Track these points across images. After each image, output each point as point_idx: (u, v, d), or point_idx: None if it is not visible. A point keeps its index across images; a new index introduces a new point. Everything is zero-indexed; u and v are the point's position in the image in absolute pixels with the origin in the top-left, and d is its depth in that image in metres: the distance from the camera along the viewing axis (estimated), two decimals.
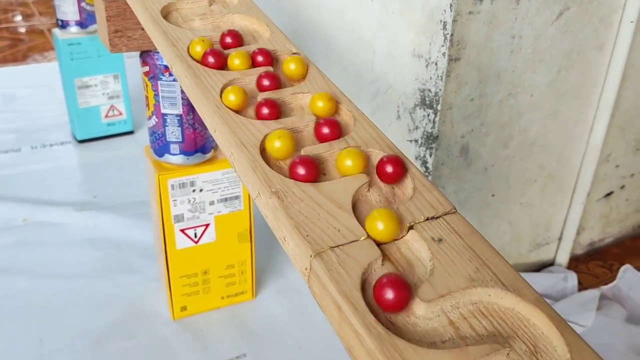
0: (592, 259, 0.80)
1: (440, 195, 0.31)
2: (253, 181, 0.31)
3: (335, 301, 0.26)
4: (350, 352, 0.26)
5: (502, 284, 0.27)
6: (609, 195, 0.77)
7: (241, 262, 0.67)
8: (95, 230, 0.81)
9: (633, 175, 0.78)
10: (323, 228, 0.28)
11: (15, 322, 0.65)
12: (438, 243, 0.28)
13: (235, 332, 0.65)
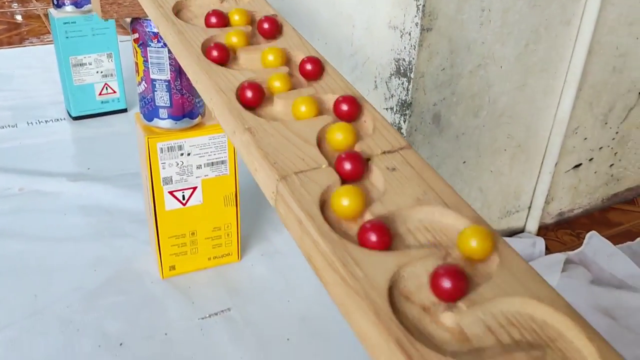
0: (561, 228, 0.84)
1: (397, 133, 0.35)
2: (229, 121, 0.35)
3: (297, 217, 0.29)
4: (310, 260, 0.29)
5: (445, 204, 0.30)
6: (578, 167, 0.81)
7: (227, 224, 0.71)
8: (89, 198, 0.84)
9: (601, 148, 0.82)
10: (289, 157, 0.32)
11: (10, 280, 0.68)
12: (392, 171, 0.32)
13: (221, 290, 0.69)
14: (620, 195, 0.91)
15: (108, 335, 0.61)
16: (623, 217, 0.91)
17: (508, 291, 0.26)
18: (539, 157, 0.74)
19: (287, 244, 0.78)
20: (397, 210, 0.30)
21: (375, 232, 0.28)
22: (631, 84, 0.78)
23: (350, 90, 0.38)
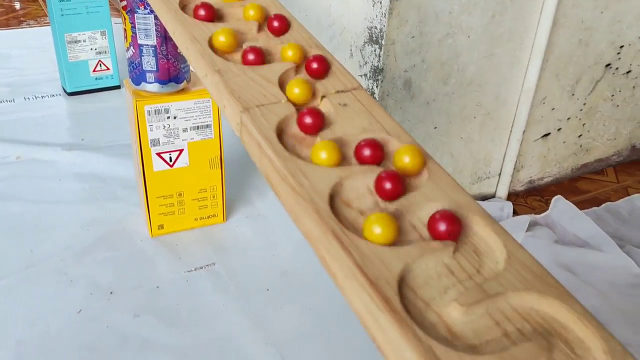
0: (530, 195, 0.88)
1: (351, 76, 0.39)
2: (201, 65, 0.39)
3: (257, 141, 0.34)
4: (268, 179, 0.34)
5: (387, 132, 0.35)
6: (546, 137, 0.85)
7: (212, 186, 0.75)
8: (83, 166, 0.88)
9: (569, 119, 0.86)
10: (253, 94, 0.36)
11: (8, 237, 0.73)
12: (343, 107, 0.36)
13: (206, 247, 0.73)
14: (590, 166, 0.95)
15: (99, 286, 0.66)
16: (591, 185, 0.96)
17: (433, 198, 0.30)
18: (507, 125, 0.78)
19: (271, 207, 0.82)
20: (345, 136, 0.34)
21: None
22: (597, 57, 0.82)
23: (313, 42, 0.42)
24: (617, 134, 0.95)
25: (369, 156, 0.32)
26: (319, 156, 0.32)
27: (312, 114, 0.34)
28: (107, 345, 0.58)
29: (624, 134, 0.96)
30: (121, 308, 0.63)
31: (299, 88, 0.36)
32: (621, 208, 0.87)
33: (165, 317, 0.62)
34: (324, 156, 0.32)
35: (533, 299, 0.26)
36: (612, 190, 0.94)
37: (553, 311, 0.26)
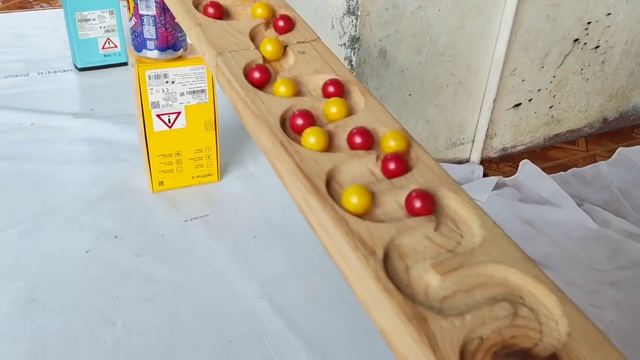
0: (503, 161, 0.95)
1: (311, 30, 0.46)
2: (186, 20, 0.47)
3: (227, 79, 0.41)
4: (235, 107, 0.41)
5: (335, 73, 0.42)
6: (518, 106, 0.92)
7: (208, 147, 0.83)
8: (91, 132, 0.96)
9: (540, 90, 0.93)
10: (227, 42, 0.44)
11: (24, 191, 0.81)
12: (301, 54, 0.44)
13: (202, 201, 0.81)
14: (562, 136, 1.02)
15: (105, 231, 0.74)
16: (562, 154, 1.02)
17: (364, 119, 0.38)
18: (479, 94, 0.85)
19: (262, 169, 0.89)
20: (300, 75, 0.42)
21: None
22: (565, 32, 0.88)
23: (283, 3, 0.49)
24: (588, 107, 1.01)
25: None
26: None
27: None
28: (111, 279, 0.66)
29: (595, 107, 1.02)
30: (124, 249, 0.71)
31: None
32: (586, 173, 0.94)
33: (162, 257, 0.70)
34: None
35: (503, 270, 0.29)
36: (581, 158, 1.00)
37: (520, 281, 0.28)
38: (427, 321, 0.26)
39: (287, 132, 0.37)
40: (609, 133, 1.06)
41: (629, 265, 0.72)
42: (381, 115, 0.38)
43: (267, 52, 0.43)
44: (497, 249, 0.30)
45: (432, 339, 0.25)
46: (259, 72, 0.41)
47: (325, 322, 0.62)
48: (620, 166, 0.94)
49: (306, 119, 0.37)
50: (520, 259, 0.30)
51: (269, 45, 0.43)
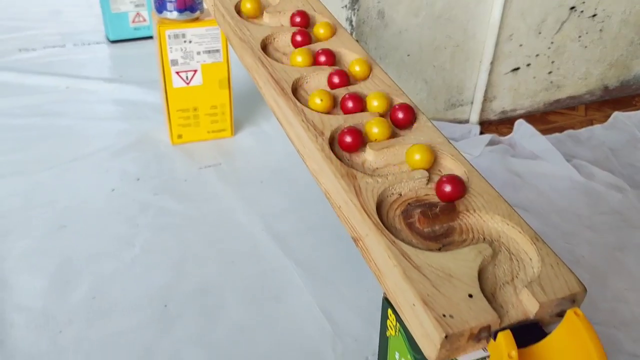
0: (502, 123, 1.00)
1: None
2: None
3: (222, 13, 0.49)
4: (227, 36, 0.49)
5: (314, 10, 0.49)
6: (516, 71, 0.97)
7: (222, 104, 0.91)
8: (120, 94, 1.06)
9: (538, 55, 0.98)
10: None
11: (57, 141, 0.90)
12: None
13: (215, 152, 0.89)
14: (562, 102, 1.06)
15: (128, 174, 0.83)
16: (561, 118, 1.07)
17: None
18: (477, 57, 0.90)
19: (273, 128, 0.97)
20: (283, 10, 0.49)
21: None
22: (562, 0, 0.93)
23: None
24: (588, 74, 1.05)
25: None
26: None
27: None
28: (132, 211, 0.75)
29: (595, 75, 1.06)
30: (145, 188, 0.80)
31: None
32: (581, 134, 0.98)
33: (177, 196, 0.79)
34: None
35: (488, 217, 0.33)
36: (579, 122, 1.05)
37: (502, 227, 0.32)
38: (356, 178, 0.33)
39: (269, 53, 0.44)
40: (610, 101, 1.10)
41: (609, 212, 0.77)
42: (348, 43, 0.45)
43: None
44: (424, 135, 0.37)
45: (357, 189, 0.32)
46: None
47: (317, 249, 0.69)
48: (615, 129, 0.99)
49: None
50: (442, 142, 0.36)
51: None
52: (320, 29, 0.46)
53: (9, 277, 0.63)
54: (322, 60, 0.42)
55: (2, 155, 0.86)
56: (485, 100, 0.97)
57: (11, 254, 0.66)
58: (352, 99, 0.38)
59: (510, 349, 0.25)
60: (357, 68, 0.43)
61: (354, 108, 0.38)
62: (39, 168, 0.83)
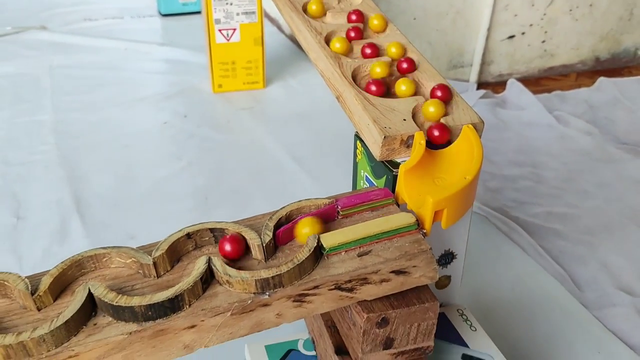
0: (498, 85, 1.15)
1: None
2: None
3: None
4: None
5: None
6: (512, 38, 1.11)
7: (256, 59, 1.08)
8: (171, 55, 1.24)
9: (532, 25, 1.11)
10: None
11: (118, 88, 1.09)
12: None
13: (249, 99, 1.06)
14: (556, 69, 1.19)
15: (177, 112, 1.00)
16: (553, 83, 1.20)
17: None
18: (476, 24, 1.04)
19: (301, 84, 1.14)
20: None
21: None
22: None
23: None
24: (580, 45, 1.18)
25: None
26: None
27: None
28: (180, 138, 0.92)
29: (586, 46, 1.18)
30: (191, 122, 0.97)
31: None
32: (567, 94, 1.11)
33: (217, 129, 0.96)
34: None
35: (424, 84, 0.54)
36: (568, 86, 1.18)
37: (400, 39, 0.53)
38: (340, 58, 0.49)
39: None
40: (601, 71, 1.22)
41: (577, 149, 0.90)
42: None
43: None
44: (394, 36, 0.53)
45: (340, 64, 0.48)
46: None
47: (330, 167, 0.85)
48: (599, 91, 1.11)
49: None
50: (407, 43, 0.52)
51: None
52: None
53: (88, 176, 0.81)
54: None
55: (77, 95, 1.05)
56: (483, 63, 1.11)
57: (88, 161, 0.85)
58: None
59: (421, 139, 0.40)
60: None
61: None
62: (106, 105, 1.02)
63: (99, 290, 0.32)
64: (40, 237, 0.67)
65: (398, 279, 0.35)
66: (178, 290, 0.32)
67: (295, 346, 0.44)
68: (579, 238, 0.71)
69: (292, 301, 0.34)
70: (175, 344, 0.32)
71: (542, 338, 0.56)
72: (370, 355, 0.37)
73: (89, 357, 0.31)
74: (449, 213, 0.37)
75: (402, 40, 0.52)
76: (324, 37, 0.52)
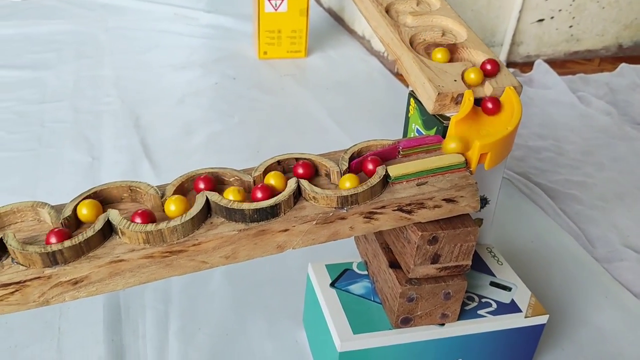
0: (526, 65, 1.21)
1: None
2: None
3: None
4: None
5: None
6: (541, 22, 1.18)
7: (300, 29, 1.15)
8: (217, 21, 1.32)
9: (560, 10, 1.18)
10: None
11: (171, 49, 1.17)
12: None
13: (292, 67, 1.14)
14: (581, 54, 1.25)
15: (226, 75, 1.08)
16: (577, 66, 1.26)
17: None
18: (509, 6, 1.11)
19: (338, 54, 1.21)
20: None
21: None
22: None
23: None
24: (605, 32, 1.24)
25: None
26: None
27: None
28: (230, 98, 1.01)
29: (611, 33, 1.24)
30: (239, 84, 1.05)
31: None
32: (590, 77, 1.18)
33: (264, 91, 1.04)
34: None
35: (473, 52, 0.62)
36: (591, 70, 1.24)
37: (482, 57, 0.62)
38: (399, 26, 0.57)
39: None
40: (623, 57, 1.28)
41: (596, 127, 0.98)
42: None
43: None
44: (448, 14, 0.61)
45: (399, 31, 0.56)
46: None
47: (366, 129, 0.93)
48: (620, 76, 1.18)
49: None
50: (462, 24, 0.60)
51: None
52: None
53: (151, 126, 0.89)
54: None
55: (132, 55, 1.13)
56: (513, 44, 1.18)
57: (149, 114, 0.93)
58: None
59: (470, 96, 0.48)
60: None
61: None
62: (160, 65, 1.10)
63: (215, 197, 0.40)
64: (114, 176, 0.76)
65: (448, 206, 0.44)
66: (277, 200, 0.40)
67: (350, 267, 0.53)
68: (594, 203, 0.78)
69: (363, 217, 0.42)
70: (271, 243, 0.41)
71: (557, 283, 0.64)
72: (420, 267, 0.45)
73: (207, 246, 0.39)
74: (491, 156, 0.45)
75: (452, 15, 0.60)
76: (384, 7, 0.60)
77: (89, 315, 0.54)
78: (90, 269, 0.37)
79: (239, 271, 0.61)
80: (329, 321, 0.48)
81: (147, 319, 0.54)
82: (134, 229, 0.37)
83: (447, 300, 0.47)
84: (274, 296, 0.58)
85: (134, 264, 0.38)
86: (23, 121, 0.87)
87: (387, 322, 0.47)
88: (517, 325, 0.49)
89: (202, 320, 0.55)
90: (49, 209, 0.39)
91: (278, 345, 0.53)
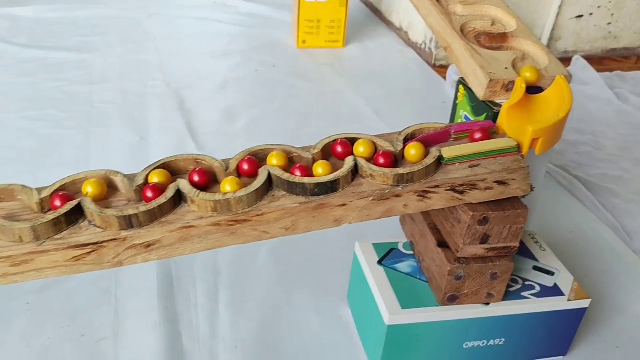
0: (563, 61, 1.21)
1: None
2: None
3: None
4: None
5: None
6: (580, 18, 1.17)
7: (339, 20, 1.17)
8: (255, 10, 1.34)
9: (599, 7, 1.18)
10: None
11: (211, 37, 1.19)
12: None
13: (330, 56, 1.15)
14: (618, 51, 1.25)
15: (266, 62, 1.10)
16: (614, 64, 1.26)
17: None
18: (549, 1, 1.11)
19: (375, 45, 1.22)
20: None
21: None
22: None
23: None
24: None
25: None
26: None
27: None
28: (269, 84, 1.03)
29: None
30: (279, 72, 1.07)
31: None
32: (627, 75, 1.18)
33: (303, 79, 1.05)
34: None
35: (522, 41, 0.63)
36: (628, 68, 1.24)
37: (530, 47, 0.62)
38: (450, 15, 0.58)
39: None
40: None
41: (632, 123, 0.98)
42: None
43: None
44: (498, 4, 0.62)
45: (450, 19, 0.57)
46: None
47: (403, 118, 0.94)
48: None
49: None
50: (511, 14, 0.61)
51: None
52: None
53: (195, 109, 0.92)
54: None
55: (175, 41, 1.16)
56: (551, 39, 1.18)
57: (193, 98, 0.95)
58: None
59: (522, 83, 0.49)
60: None
61: None
62: (201, 52, 1.12)
63: (277, 171, 0.42)
64: (162, 155, 0.78)
65: (499, 188, 0.45)
66: (337, 176, 0.42)
67: (396, 247, 0.55)
68: (631, 197, 0.79)
69: (417, 195, 0.44)
70: (329, 217, 0.43)
71: (596, 273, 0.65)
72: (469, 247, 0.47)
73: (269, 217, 0.41)
74: (543, 142, 0.47)
75: (501, 5, 0.61)
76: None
77: (143, 283, 0.57)
78: (162, 233, 0.39)
79: (284, 250, 0.63)
80: (377, 296, 0.49)
81: (198, 290, 0.57)
82: (203, 198, 0.40)
83: (494, 281, 0.48)
84: (318, 274, 0.60)
85: (202, 230, 0.40)
86: (73, 101, 0.90)
87: (434, 299, 0.49)
88: (559, 307, 0.50)
89: (250, 294, 0.57)
90: (122, 177, 0.42)
91: (323, 320, 0.55)
